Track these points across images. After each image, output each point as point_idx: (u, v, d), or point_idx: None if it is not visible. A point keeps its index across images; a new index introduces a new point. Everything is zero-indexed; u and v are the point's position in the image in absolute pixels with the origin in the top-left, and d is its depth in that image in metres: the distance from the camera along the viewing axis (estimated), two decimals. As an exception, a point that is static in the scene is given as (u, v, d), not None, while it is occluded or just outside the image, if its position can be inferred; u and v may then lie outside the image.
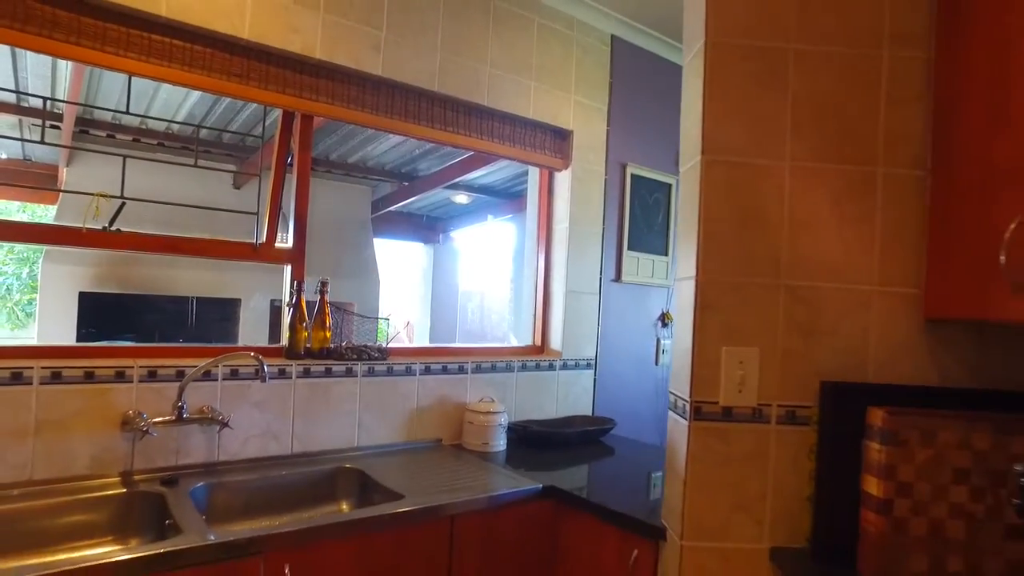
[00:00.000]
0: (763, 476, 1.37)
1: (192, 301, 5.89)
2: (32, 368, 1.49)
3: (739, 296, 1.37)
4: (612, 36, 2.67)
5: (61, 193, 5.19)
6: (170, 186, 2.57)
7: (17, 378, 1.46)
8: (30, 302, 6.09)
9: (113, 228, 1.74)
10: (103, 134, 4.70)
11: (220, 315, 5.84)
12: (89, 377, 1.56)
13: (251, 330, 5.90)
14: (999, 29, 1.16)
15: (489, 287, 7.96)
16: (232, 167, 5.45)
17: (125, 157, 1.82)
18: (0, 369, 1.44)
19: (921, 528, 1.19)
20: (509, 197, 6.56)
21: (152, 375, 1.64)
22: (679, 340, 1.45)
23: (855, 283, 1.37)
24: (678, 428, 1.43)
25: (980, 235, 1.17)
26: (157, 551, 1.18)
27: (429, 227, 8.05)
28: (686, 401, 1.38)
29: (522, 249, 2.75)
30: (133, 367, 1.62)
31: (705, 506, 1.37)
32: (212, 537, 1.26)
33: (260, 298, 5.99)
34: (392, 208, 6.78)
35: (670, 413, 1.49)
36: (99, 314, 5.10)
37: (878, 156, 1.38)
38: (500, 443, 2.15)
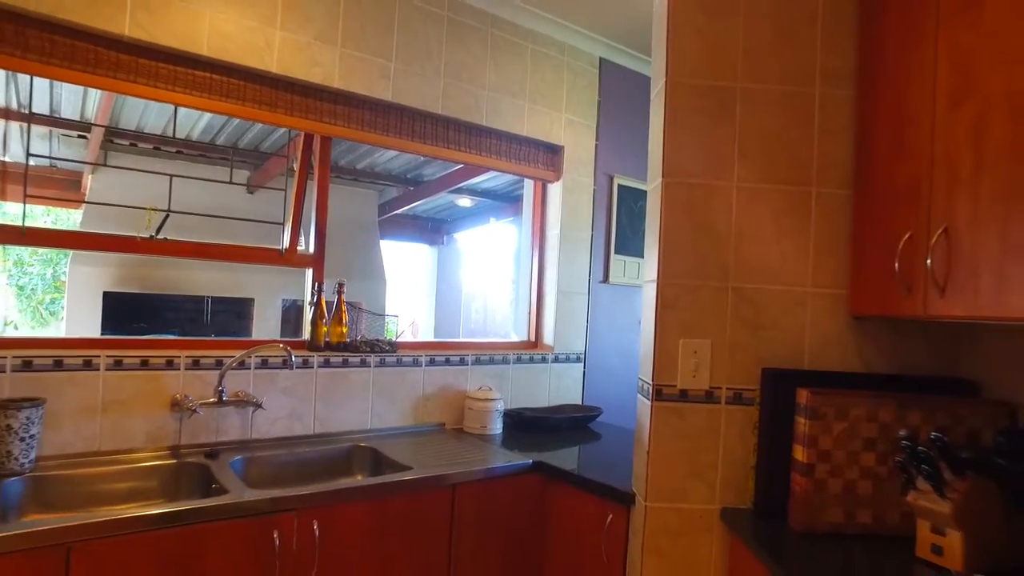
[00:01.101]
0: (714, 448, 1.63)
1: (207, 300, 6.17)
2: (99, 356, 1.76)
3: (694, 296, 1.63)
4: (600, 59, 2.93)
5: (87, 199, 5.47)
6: (189, 192, 2.70)
7: (88, 365, 1.74)
8: (53, 301, 6.39)
9: (160, 236, 2.01)
10: (126, 143, 4.99)
11: (235, 313, 6.12)
12: (144, 365, 1.83)
13: (264, 327, 6.17)
14: (897, 76, 1.42)
15: (492, 287, 8.21)
16: (246, 172, 5.73)
17: (172, 177, 2.09)
18: (75, 357, 1.72)
19: (837, 487, 1.45)
20: (511, 200, 6.82)
21: (196, 363, 1.91)
22: (644, 334, 1.71)
23: (792, 285, 1.63)
24: (643, 408, 1.69)
25: (885, 245, 1.43)
26: (215, 503, 1.45)
27: (434, 229, 8.32)
28: (649, 384, 1.64)
29: (524, 249, 3.01)
30: (180, 356, 1.89)
31: (666, 473, 1.63)
32: (256, 495, 1.53)
33: (273, 297, 6.27)
34: (398, 211, 7.06)
35: (638, 395, 1.75)
36: (122, 312, 5.39)
37: (812, 178, 1.64)
38: (497, 427, 2.42)
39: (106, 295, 5.34)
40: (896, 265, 1.34)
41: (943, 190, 1.23)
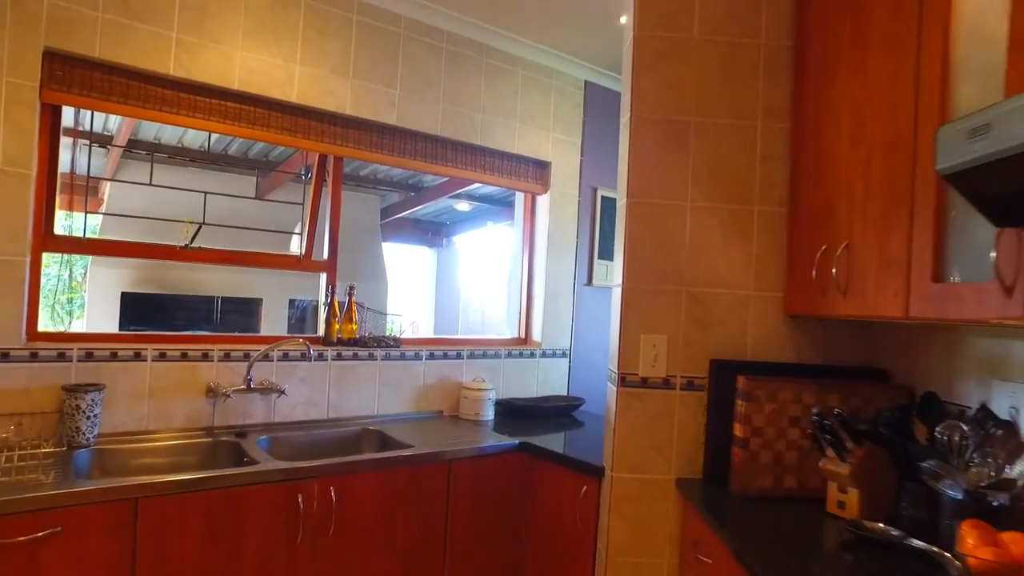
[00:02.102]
0: (670, 427, 1.92)
1: (217, 300, 6.47)
2: (147, 349, 2.05)
3: (653, 298, 1.92)
4: (585, 81, 3.22)
5: (106, 204, 5.77)
6: (201, 197, 2.98)
7: (137, 356, 2.03)
8: (70, 300, 6.69)
9: (194, 245, 2.31)
10: (144, 152, 5.28)
11: (244, 312, 6.42)
12: (184, 356, 2.12)
13: (271, 326, 6.46)
14: (817, 116, 1.72)
15: (489, 289, 8.50)
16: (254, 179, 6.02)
17: (206, 194, 2.38)
18: (127, 350, 2.01)
19: (768, 458, 1.74)
20: (507, 205, 7.11)
21: (227, 356, 2.21)
22: (611, 330, 2.00)
23: (737, 289, 1.92)
24: (611, 393, 1.98)
25: (808, 256, 1.72)
26: (251, 470, 1.74)
27: (433, 232, 8.62)
28: (615, 373, 1.93)
29: (515, 254, 3.30)
30: (214, 350, 2.18)
31: (629, 448, 1.92)
32: (283, 465, 1.82)
33: (280, 297, 6.56)
34: (399, 215, 7.36)
35: (607, 383, 2.04)
36: (138, 311, 5.69)
37: (755, 197, 1.93)
38: (489, 414, 2.71)
39: (123, 295, 5.64)
40: (814, 273, 1.63)
41: (845, 212, 1.52)
